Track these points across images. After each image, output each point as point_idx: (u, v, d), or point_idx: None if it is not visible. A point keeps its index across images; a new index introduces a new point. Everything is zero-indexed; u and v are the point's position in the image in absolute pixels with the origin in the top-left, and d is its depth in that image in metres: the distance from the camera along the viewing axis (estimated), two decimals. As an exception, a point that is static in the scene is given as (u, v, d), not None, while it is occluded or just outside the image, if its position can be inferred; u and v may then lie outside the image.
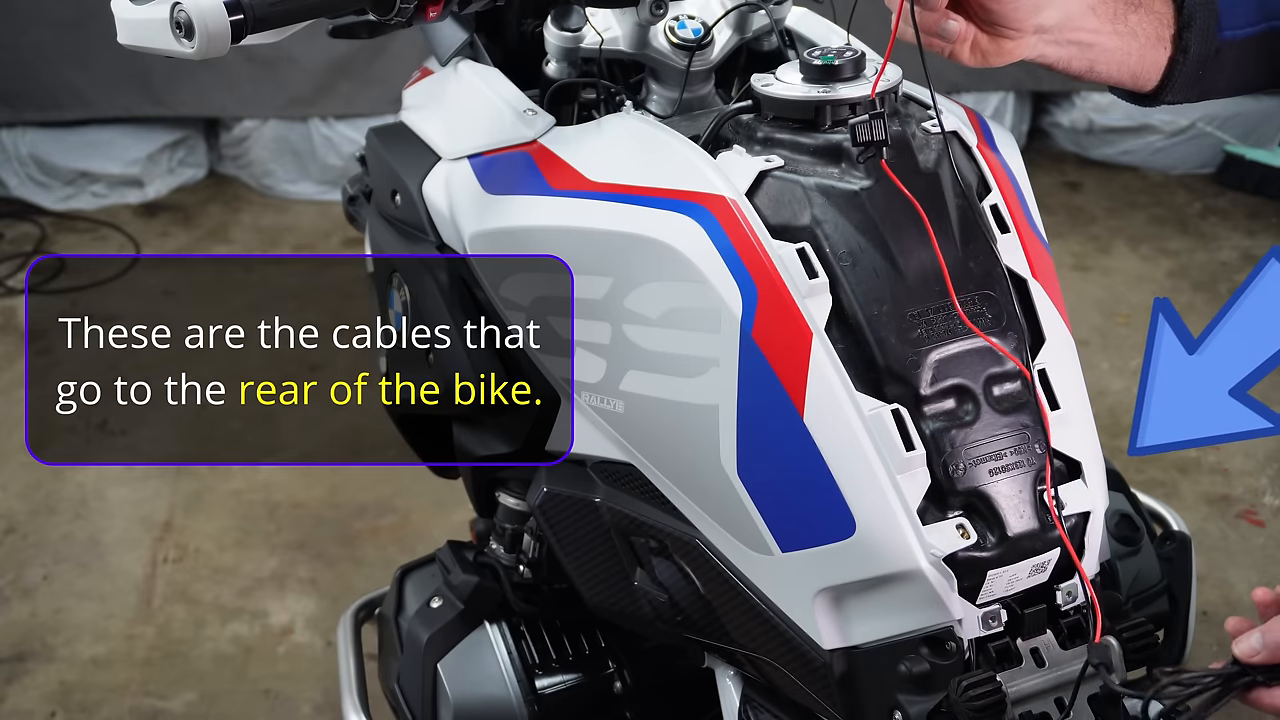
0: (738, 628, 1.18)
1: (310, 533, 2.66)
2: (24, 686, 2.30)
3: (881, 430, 1.05)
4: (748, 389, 1.09)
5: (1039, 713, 1.08)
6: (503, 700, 1.51)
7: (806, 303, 1.08)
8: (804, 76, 1.17)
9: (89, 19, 3.72)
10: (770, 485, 1.10)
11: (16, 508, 2.75)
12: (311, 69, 3.94)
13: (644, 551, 1.26)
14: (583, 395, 1.26)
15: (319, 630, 2.41)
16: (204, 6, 1.05)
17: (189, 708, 2.25)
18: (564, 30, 1.36)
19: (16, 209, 4.00)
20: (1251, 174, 4.01)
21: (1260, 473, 2.78)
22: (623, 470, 1.25)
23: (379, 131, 1.58)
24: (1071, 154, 4.26)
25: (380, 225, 1.55)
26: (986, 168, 1.19)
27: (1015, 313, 1.11)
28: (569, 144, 1.30)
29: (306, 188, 4.11)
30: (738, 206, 1.11)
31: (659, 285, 1.15)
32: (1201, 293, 3.51)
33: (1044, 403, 1.10)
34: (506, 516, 1.57)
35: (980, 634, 1.07)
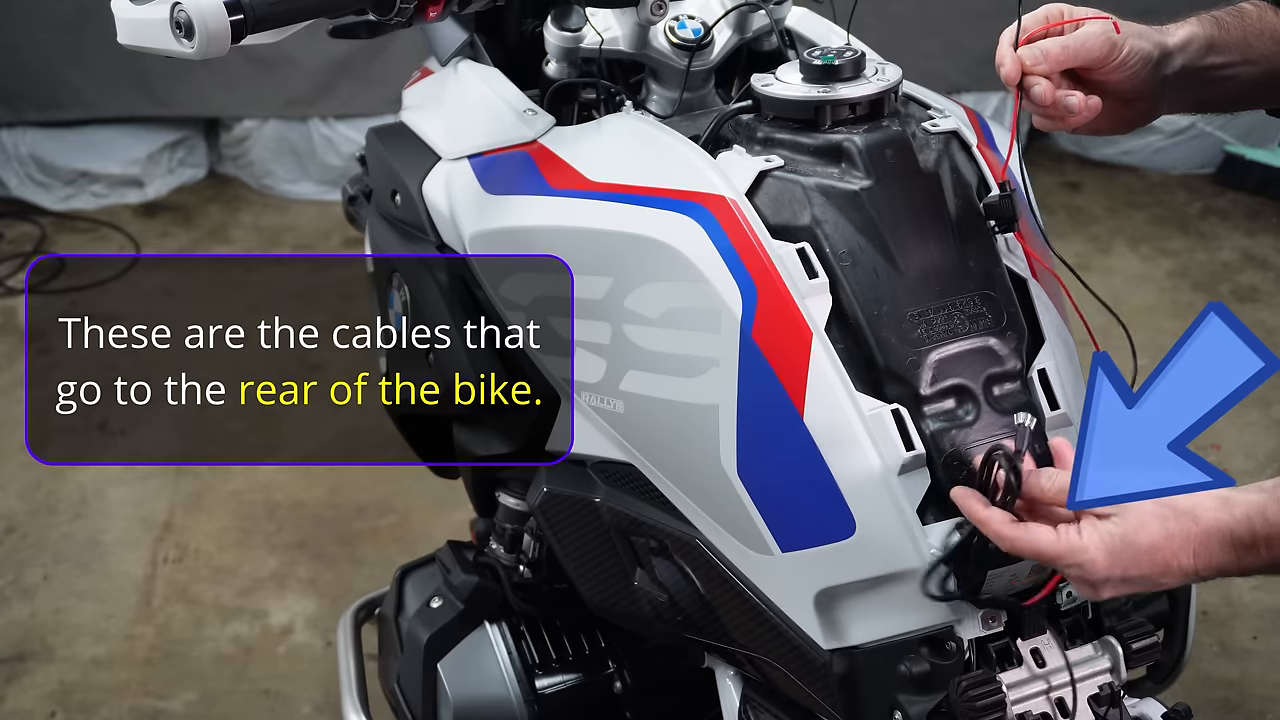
0: (738, 628, 1.18)
1: (310, 533, 2.66)
2: (24, 686, 2.30)
3: (881, 430, 1.05)
4: (748, 389, 1.09)
5: (1039, 713, 1.08)
6: (503, 700, 1.51)
7: (806, 303, 1.08)
8: (804, 76, 1.17)
9: (89, 19, 3.71)
10: (770, 485, 1.10)
11: (16, 508, 2.75)
12: (311, 69, 3.93)
13: (644, 551, 1.26)
14: (583, 395, 1.26)
15: (319, 630, 2.41)
16: (204, 6, 1.05)
17: (189, 708, 2.25)
18: (564, 30, 1.36)
19: (16, 209, 4.00)
20: (1251, 174, 4.01)
21: (1260, 473, 2.78)
22: (623, 470, 1.25)
23: (379, 131, 1.58)
24: (1071, 154, 4.26)
25: (380, 225, 1.55)
26: (986, 168, 1.19)
27: (1016, 312, 1.11)
28: (569, 144, 1.30)
29: (306, 188, 4.11)
30: (738, 206, 1.11)
31: (659, 285, 1.15)
32: (1201, 293, 3.51)
33: (1044, 403, 1.10)
34: (506, 516, 1.57)
35: (980, 634, 1.07)
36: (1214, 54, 1.17)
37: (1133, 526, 0.96)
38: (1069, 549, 0.96)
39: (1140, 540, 0.96)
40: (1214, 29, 1.17)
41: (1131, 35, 1.11)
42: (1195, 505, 0.96)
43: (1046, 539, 0.97)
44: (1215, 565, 0.96)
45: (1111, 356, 0.94)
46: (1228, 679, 2.26)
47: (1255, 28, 1.19)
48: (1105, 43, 1.09)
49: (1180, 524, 0.95)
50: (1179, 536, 0.95)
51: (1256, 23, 1.19)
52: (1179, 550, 0.95)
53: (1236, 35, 1.18)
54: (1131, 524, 0.96)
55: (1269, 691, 2.24)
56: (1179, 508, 0.96)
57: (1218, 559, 0.96)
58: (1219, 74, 1.17)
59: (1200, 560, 0.96)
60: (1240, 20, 1.19)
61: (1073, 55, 1.09)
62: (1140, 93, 1.13)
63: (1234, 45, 1.18)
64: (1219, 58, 1.17)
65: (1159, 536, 0.95)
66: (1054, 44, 1.09)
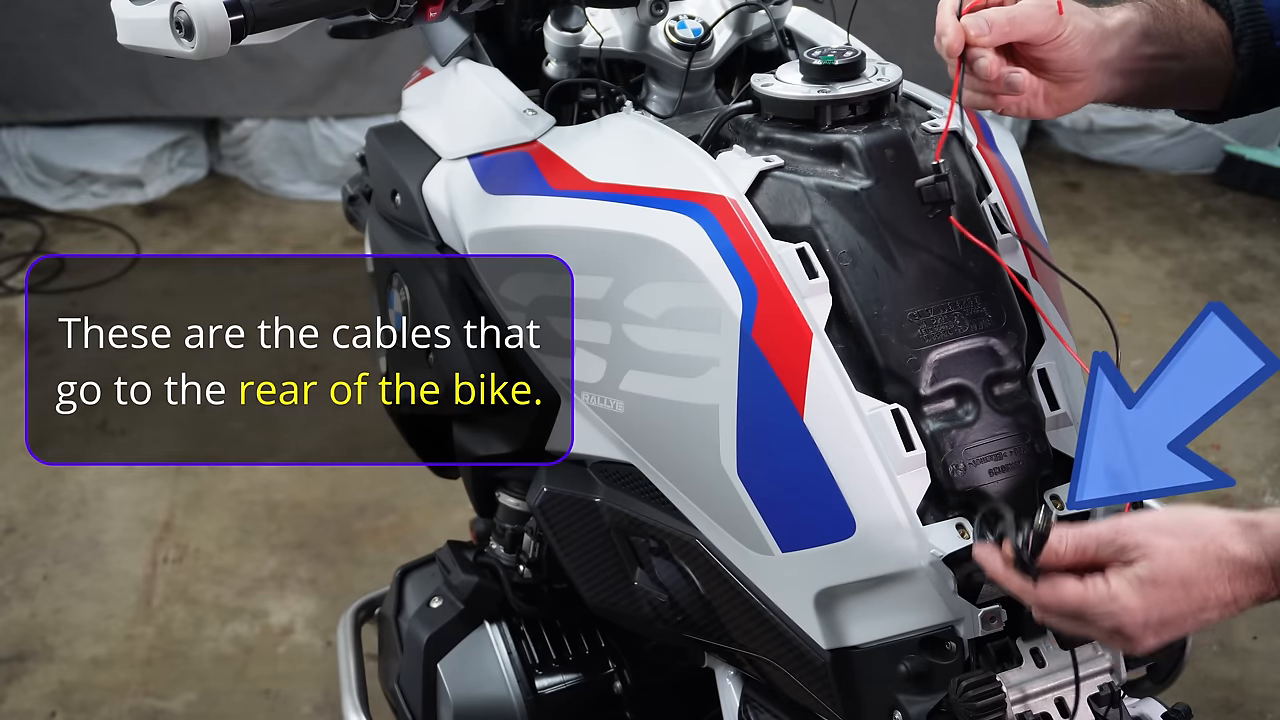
0: (738, 628, 1.18)
1: (310, 533, 2.66)
2: (24, 686, 2.30)
3: (881, 430, 1.05)
4: (748, 389, 1.09)
5: (1039, 713, 1.08)
6: (503, 700, 1.51)
7: (806, 303, 1.08)
8: (804, 76, 1.17)
9: (89, 19, 3.71)
10: (770, 485, 1.10)
11: (16, 508, 2.75)
12: (311, 69, 3.94)
13: (644, 551, 1.26)
14: (583, 395, 1.26)
15: (319, 630, 2.41)
16: (204, 6, 1.05)
17: (189, 708, 2.25)
18: (564, 30, 1.36)
19: (16, 209, 4.00)
20: (1251, 174, 4.01)
21: (1260, 473, 2.78)
22: (623, 470, 1.25)
23: (379, 131, 1.58)
24: (1071, 154, 4.26)
25: (380, 225, 1.55)
26: (986, 168, 1.19)
27: (1016, 312, 1.11)
28: (569, 144, 1.30)
29: (306, 188, 4.11)
30: (738, 206, 1.11)
31: (659, 285, 1.15)
32: (1201, 293, 3.51)
33: (1043, 402, 1.10)
34: (506, 516, 1.57)
35: (980, 634, 1.07)
36: (1148, 43, 1.13)
37: (1161, 565, 0.91)
38: (1098, 599, 0.92)
39: (1171, 576, 0.91)
40: (1149, 17, 1.14)
41: (1074, 13, 1.07)
42: (1221, 532, 0.92)
43: (1073, 590, 0.94)
44: (1255, 594, 0.92)
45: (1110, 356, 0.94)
46: (1228, 679, 2.26)
47: (1186, 21, 1.16)
48: (1050, 16, 1.05)
49: (1212, 551, 0.91)
50: (1212, 564, 0.91)
51: (1188, 17, 1.16)
52: (1214, 580, 0.92)
53: (1170, 26, 1.15)
54: (1159, 563, 0.92)
55: (1269, 691, 2.25)
56: (1205, 534, 0.92)
57: (1256, 587, 0.92)
58: (1150, 65, 1.14)
59: (1237, 586, 0.92)
60: (1174, 12, 1.16)
61: (1019, 28, 1.05)
62: (1078, 73, 1.09)
63: (1167, 37, 1.15)
64: (1151, 48, 1.14)
65: (1191, 568, 0.91)
66: (999, 14, 1.04)
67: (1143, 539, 0.93)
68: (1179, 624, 0.93)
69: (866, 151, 1.11)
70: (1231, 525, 0.93)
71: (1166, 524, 0.94)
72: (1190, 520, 0.95)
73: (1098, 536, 0.95)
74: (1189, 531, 0.93)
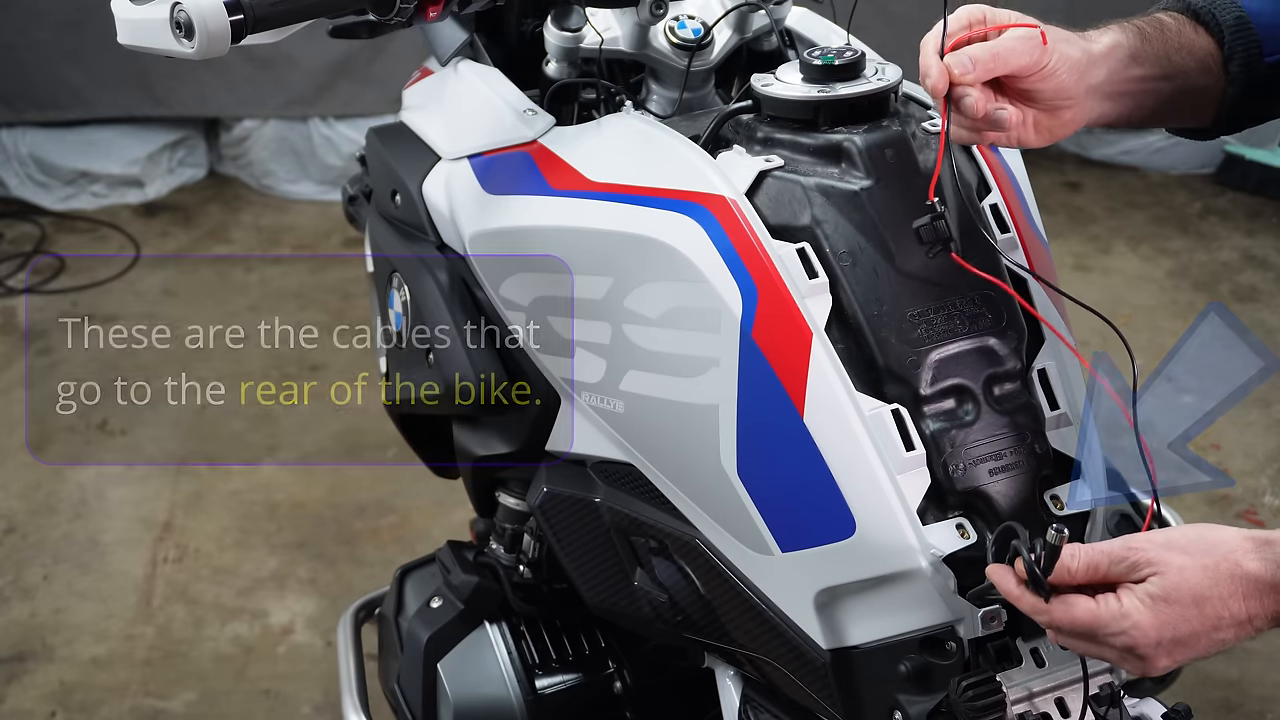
0: (738, 628, 1.18)
1: (310, 533, 2.66)
2: (24, 686, 2.30)
3: (881, 430, 1.05)
4: (748, 389, 1.09)
5: (1039, 713, 1.08)
6: (503, 700, 1.51)
7: (806, 303, 1.08)
8: (804, 76, 1.17)
9: (89, 19, 3.72)
10: (770, 485, 1.10)
11: (16, 508, 2.74)
12: (311, 69, 3.94)
13: (644, 551, 1.26)
14: (583, 395, 1.26)
15: (319, 630, 2.41)
16: (204, 6, 1.05)
17: (189, 708, 2.25)
18: (564, 30, 1.36)
19: (16, 209, 4.00)
20: (1251, 174, 4.01)
21: (1260, 473, 2.78)
22: (623, 470, 1.25)
23: (379, 131, 1.58)
24: (1071, 154, 4.26)
25: (380, 225, 1.55)
26: (986, 168, 1.19)
27: (1016, 312, 1.11)
28: (569, 144, 1.30)
29: (306, 188, 4.11)
30: (738, 206, 1.11)
31: (659, 285, 1.15)
32: (1201, 293, 3.51)
33: (1043, 402, 1.10)
34: (506, 516, 1.57)
35: (980, 634, 1.07)
36: (1136, 65, 1.13)
37: (1173, 582, 0.91)
38: (1110, 616, 0.92)
39: (1183, 593, 0.91)
40: (1137, 39, 1.13)
41: (1059, 41, 1.06)
42: (1234, 549, 0.92)
43: (1084, 608, 0.93)
44: (1269, 612, 0.92)
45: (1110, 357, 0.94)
46: (1228, 679, 2.26)
47: (1175, 42, 1.16)
48: (1034, 48, 1.04)
49: (1225, 568, 0.91)
50: (1225, 581, 0.91)
51: (1176, 37, 1.16)
52: (1227, 597, 0.91)
53: (1158, 48, 1.14)
54: (1171, 580, 0.91)
55: (1269, 691, 2.25)
56: (1218, 552, 0.92)
57: (1271, 605, 0.92)
58: (1139, 87, 1.13)
59: (1251, 604, 0.91)
60: (1161, 33, 1.15)
61: (1003, 63, 1.03)
62: (1067, 101, 1.08)
63: (1155, 58, 1.14)
64: (1140, 70, 1.13)
65: (1204, 585, 0.91)
66: (982, 51, 1.03)
67: (1155, 556, 0.93)
68: (1192, 644, 0.92)
69: (866, 151, 1.11)
70: (1245, 542, 0.92)
71: (1179, 541, 0.94)
72: (1203, 538, 0.94)
73: (1110, 554, 0.95)
74: (1202, 549, 0.93)
